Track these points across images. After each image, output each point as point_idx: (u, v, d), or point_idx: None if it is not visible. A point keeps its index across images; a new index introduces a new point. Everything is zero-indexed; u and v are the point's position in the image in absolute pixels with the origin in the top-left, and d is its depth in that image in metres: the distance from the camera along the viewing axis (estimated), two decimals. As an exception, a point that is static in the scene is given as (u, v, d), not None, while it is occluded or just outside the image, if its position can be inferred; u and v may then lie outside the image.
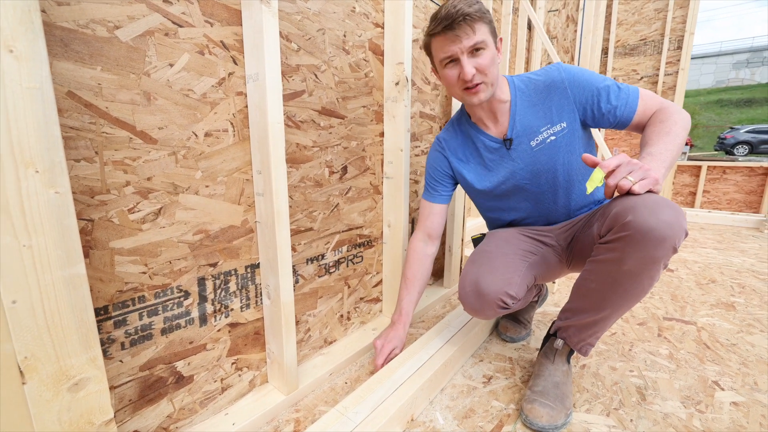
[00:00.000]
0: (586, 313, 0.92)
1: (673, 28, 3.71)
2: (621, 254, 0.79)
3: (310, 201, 1.03)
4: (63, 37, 0.58)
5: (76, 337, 0.55)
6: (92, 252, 0.65)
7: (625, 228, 0.77)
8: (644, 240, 0.75)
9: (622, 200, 0.80)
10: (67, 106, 0.60)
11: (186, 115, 0.74)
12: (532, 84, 1.04)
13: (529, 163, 1.05)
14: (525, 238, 1.11)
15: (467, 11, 0.88)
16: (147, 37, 0.67)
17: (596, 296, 0.88)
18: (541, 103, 1.02)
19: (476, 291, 0.98)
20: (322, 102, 1.02)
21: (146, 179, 0.70)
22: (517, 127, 1.04)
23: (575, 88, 0.99)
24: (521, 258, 1.04)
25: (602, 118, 0.99)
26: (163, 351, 0.77)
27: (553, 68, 1.02)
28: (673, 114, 0.90)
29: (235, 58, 0.81)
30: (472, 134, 1.11)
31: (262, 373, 0.98)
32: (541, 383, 0.97)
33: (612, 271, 0.82)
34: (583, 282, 0.91)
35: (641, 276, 0.79)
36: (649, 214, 0.74)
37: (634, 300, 0.84)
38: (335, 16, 1.02)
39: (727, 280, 1.95)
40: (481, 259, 1.04)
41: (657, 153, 0.83)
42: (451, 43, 0.92)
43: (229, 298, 0.87)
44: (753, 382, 1.10)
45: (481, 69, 0.93)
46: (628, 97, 0.96)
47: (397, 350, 1.11)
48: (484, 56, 0.93)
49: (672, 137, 0.85)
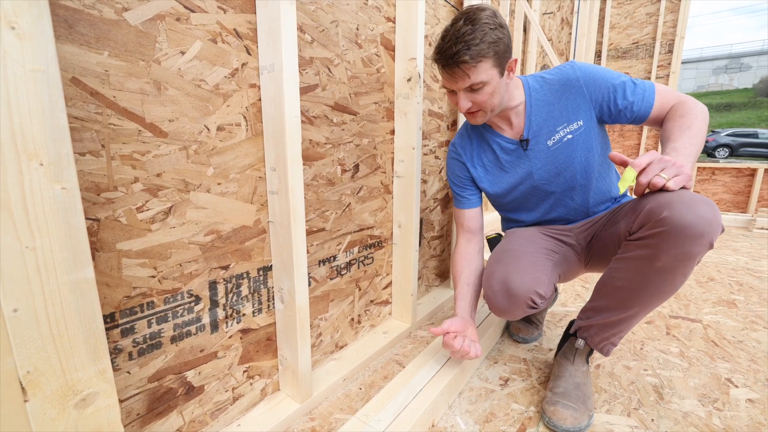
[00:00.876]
0: (611, 311, 0.90)
1: (664, 32, 3.77)
2: (655, 250, 0.77)
3: (322, 200, 0.99)
4: (67, 17, 0.53)
5: (83, 348, 0.50)
6: (98, 254, 0.60)
7: (661, 224, 0.74)
8: (681, 236, 0.72)
9: (655, 196, 0.78)
10: (71, 93, 0.55)
11: (198, 107, 0.70)
12: (546, 84, 1.02)
13: (546, 162, 1.02)
14: (546, 237, 1.09)
15: (463, 59, 0.85)
16: (158, 22, 0.62)
17: (623, 294, 0.86)
18: (557, 102, 1.00)
19: (505, 290, 0.94)
20: (335, 97, 0.98)
21: (156, 176, 0.65)
22: (533, 127, 1.02)
23: (591, 85, 0.97)
24: (546, 257, 1.02)
25: (619, 115, 0.98)
26: (173, 360, 0.71)
27: (568, 67, 1.00)
28: (693, 108, 0.88)
29: (249, 48, 0.76)
30: (488, 137, 1.09)
31: (274, 380, 0.93)
32: (562, 384, 0.95)
33: (643, 267, 0.80)
34: (610, 280, 0.89)
35: (675, 273, 0.77)
36: (687, 210, 0.72)
37: (663, 298, 0.82)
38: (348, 8, 0.98)
39: (725, 278, 1.98)
40: (507, 258, 1.01)
41: (681, 148, 0.81)
42: (447, 80, 0.93)
43: (241, 302, 0.82)
44: (765, 378, 1.10)
45: (478, 102, 0.93)
46: (644, 92, 0.95)
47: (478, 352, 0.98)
48: (483, 92, 0.91)
49: (694, 131, 0.84)
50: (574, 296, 1.70)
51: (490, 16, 0.87)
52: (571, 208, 1.09)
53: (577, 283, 1.86)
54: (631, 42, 3.94)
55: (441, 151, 1.50)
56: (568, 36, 3.55)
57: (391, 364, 1.14)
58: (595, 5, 3.72)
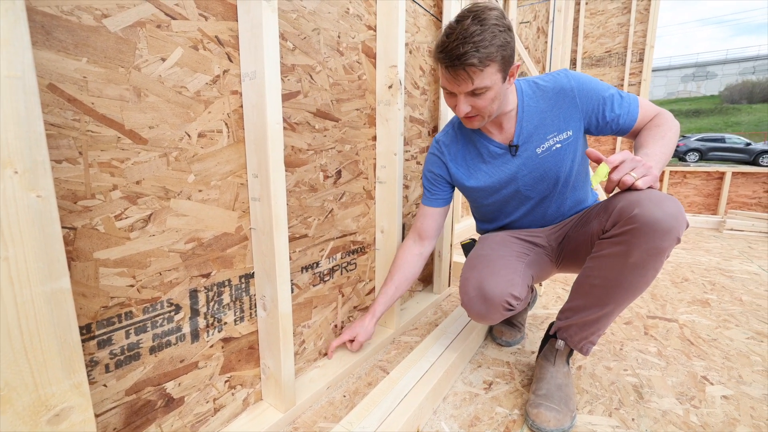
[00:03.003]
0: (588, 310, 0.92)
1: (635, 41, 3.93)
2: (627, 247, 0.80)
3: (305, 206, 0.99)
4: (44, 23, 0.52)
5: (58, 361, 0.49)
6: (74, 264, 0.58)
7: (632, 221, 0.78)
8: (652, 231, 0.76)
9: (625, 195, 0.82)
10: (48, 100, 0.53)
11: (179, 114, 0.69)
12: (540, 90, 1.02)
13: (533, 169, 1.03)
14: (517, 241, 1.11)
15: (470, 62, 0.80)
16: (138, 29, 0.62)
17: (599, 291, 0.88)
18: (549, 110, 1.00)
19: (481, 295, 0.96)
20: (317, 104, 0.98)
21: (135, 183, 0.64)
22: (524, 133, 1.02)
23: (583, 96, 0.98)
24: (518, 259, 1.04)
25: (606, 126, 1.00)
26: (152, 372, 0.70)
27: (561, 75, 1.01)
28: (667, 121, 0.94)
29: (230, 55, 0.76)
30: (476, 139, 1.08)
31: (257, 390, 0.92)
32: (545, 386, 0.97)
33: (617, 264, 0.83)
34: (586, 279, 0.91)
35: (647, 267, 0.80)
36: (655, 207, 0.76)
37: (636, 293, 0.85)
38: (330, 16, 0.99)
39: (698, 278, 2.05)
40: (480, 263, 1.03)
41: (653, 154, 0.85)
42: (449, 81, 0.89)
43: (222, 311, 0.81)
44: (738, 375, 1.14)
45: (477, 107, 0.91)
46: (630, 105, 0.98)
47: (361, 338, 1.11)
48: (484, 98, 0.88)
49: (666, 141, 0.89)
50: (555, 299, 1.74)
51: (499, 17, 0.82)
52: (547, 215, 1.12)
53: (558, 286, 1.90)
54: (604, 51, 4.10)
55: (422, 156, 1.52)
56: (544, 44, 3.65)
57: (375, 371, 1.14)
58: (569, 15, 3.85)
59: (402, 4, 1.11)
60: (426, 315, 1.54)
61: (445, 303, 1.66)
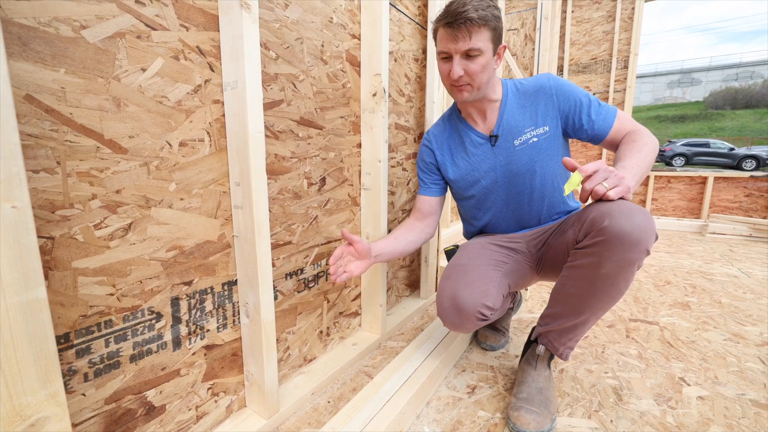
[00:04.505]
0: (566, 317, 0.94)
1: (619, 49, 4.02)
2: (598, 258, 0.82)
3: (288, 213, 1.00)
4: (21, 35, 0.53)
5: (33, 370, 0.49)
6: (52, 273, 0.58)
7: (602, 233, 0.80)
8: (621, 243, 0.78)
9: (597, 206, 0.84)
10: (24, 111, 0.54)
11: (159, 124, 0.70)
12: (522, 87, 1.10)
13: (510, 161, 1.08)
14: (496, 248, 1.13)
15: (470, 16, 0.90)
16: (117, 39, 0.62)
17: (575, 300, 0.91)
18: (529, 106, 1.08)
19: (455, 306, 0.98)
20: (300, 112, 0.99)
21: (115, 192, 0.65)
22: (504, 125, 1.08)
23: (561, 96, 1.05)
24: (494, 268, 1.06)
25: (581, 129, 1.05)
26: (132, 380, 0.70)
27: (544, 76, 1.08)
28: (645, 136, 0.97)
29: (212, 65, 0.77)
30: (461, 129, 1.15)
31: (240, 397, 0.92)
32: (526, 390, 0.98)
33: (590, 275, 0.85)
34: (562, 287, 0.94)
35: (618, 278, 0.82)
36: (625, 219, 0.78)
37: (611, 302, 0.87)
38: (313, 25, 1.00)
39: (680, 281, 2.09)
40: (456, 273, 1.05)
41: (629, 166, 0.88)
42: (448, 40, 0.96)
43: (204, 318, 0.81)
44: (714, 376, 1.17)
45: (469, 72, 0.97)
46: (606, 114, 1.03)
47: (354, 272, 0.98)
48: (477, 62, 0.96)
49: (643, 155, 0.91)
50: (540, 303, 1.76)
51: (492, 2, 0.95)
52: (527, 212, 1.14)
53: (543, 291, 1.93)
54: (590, 58, 4.18)
55: (408, 163, 1.54)
56: (531, 51, 3.72)
57: (360, 376, 1.15)
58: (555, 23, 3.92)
59: (386, 14, 1.13)
60: (412, 320, 1.55)
61: (432, 308, 1.68)
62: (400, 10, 1.36)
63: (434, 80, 1.49)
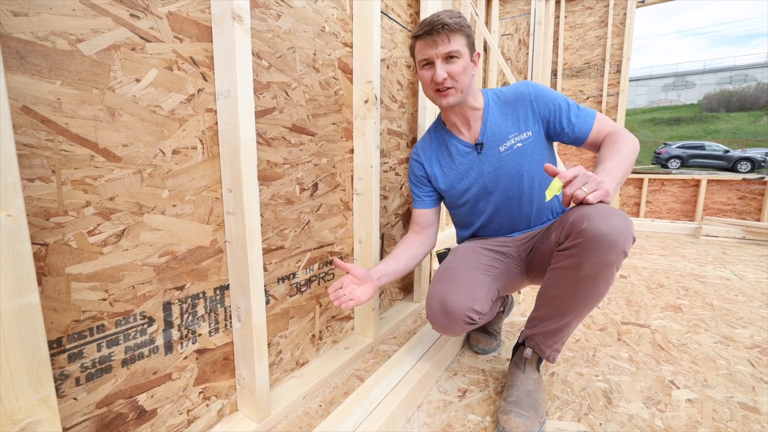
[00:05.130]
0: (551, 320, 0.96)
1: (612, 53, 4.07)
2: (579, 260, 0.84)
3: (281, 219, 1.01)
4: (19, 49, 0.54)
5: (25, 375, 0.50)
6: (45, 279, 0.60)
7: (581, 235, 0.83)
8: (599, 245, 0.80)
9: (577, 210, 0.86)
10: (21, 121, 0.55)
11: (153, 132, 0.71)
12: (503, 95, 1.13)
13: (497, 167, 1.11)
14: (486, 252, 1.15)
15: (447, 22, 0.96)
16: (112, 52, 0.64)
17: (558, 302, 0.93)
18: (510, 113, 1.11)
19: (443, 309, 1.00)
20: (292, 119, 1.01)
21: (108, 199, 0.66)
22: (488, 132, 1.11)
23: (539, 101, 1.08)
24: (483, 272, 1.08)
25: (562, 132, 1.09)
26: (124, 384, 0.71)
27: (522, 84, 1.12)
28: (624, 137, 1.00)
29: (205, 75, 0.79)
30: (447, 139, 1.18)
31: (232, 401, 0.93)
32: (515, 393, 0.99)
33: (571, 276, 0.87)
34: (546, 290, 0.96)
35: (598, 279, 0.84)
36: (602, 222, 0.80)
37: (593, 304, 0.89)
38: (305, 35, 1.02)
39: (672, 284, 2.11)
40: (446, 277, 1.07)
41: (609, 169, 0.90)
42: (429, 47, 1.00)
43: (196, 322, 0.83)
44: (703, 379, 1.18)
45: (452, 75, 1.01)
46: (586, 117, 1.06)
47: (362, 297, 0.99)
48: (457, 64, 1.00)
49: (623, 156, 0.94)
50: (533, 306, 1.77)
51: None
52: (517, 216, 1.17)
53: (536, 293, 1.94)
54: (583, 62, 4.23)
55: (401, 167, 1.56)
56: (525, 56, 3.76)
57: (352, 380, 1.16)
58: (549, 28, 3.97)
59: (377, 23, 1.15)
60: (406, 324, 1.56)
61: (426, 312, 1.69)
62: (392, 18, 1.39)
63: (427, 87, 1.51)
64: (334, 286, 0.98)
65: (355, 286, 1.01)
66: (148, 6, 0.69)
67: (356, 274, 1.01)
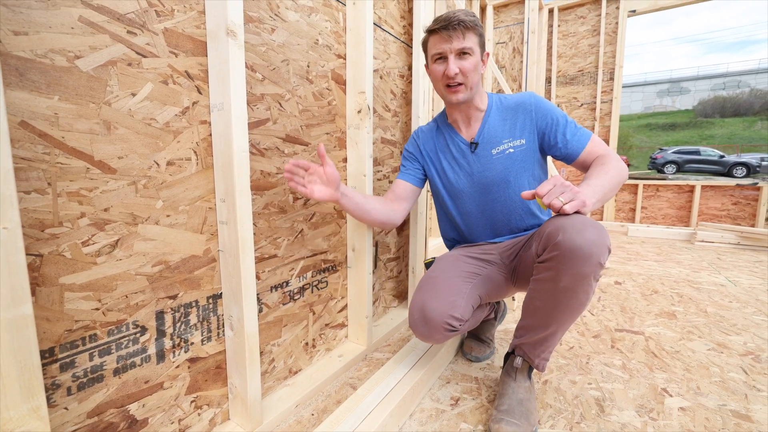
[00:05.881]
0: (536, 329, 0.98)
1: (605, 61, 4.12)
2: (556, 272, 0.86)
3: (274, 227, 1.02)
4: (18, 66, 0.56)
5: (17, 385, 0.51)
6: (39, 289, 0.61)
7: (557, 247, 0.84)
8: (574, 257, 0.82)
9: (554, 221, 0.88)
10: (19, 136, 0.57)
11: (148, 144, 0.73)
12: (506, 101, 1.18)
13: (487, 168, 1.14)
14: (469, 260, 1.17)
15: (463, 18, 1.01)
16: (109, 67, 0.66)
17: (541, 313, 0.94)
18: (509, 118, 1.14)
19: (423, 317, 1.01)
20: (286, 129, 1.03)
21: (103, 210, 0.67)
22: (485, 134, 1.15)
23: (539, 112, 1.11)
24: (464, 280, 1.09)
25: (555, 147, 1.11)
26: (115, 393, 0.72)
27: (527, 94, 1.16)
28: (613, 160, 1.02)
29: (200, 88, 0.81)
30: (446, 132, 1.22)
31: (224, 410, 0.93)
32: (506, 402, 1.00)
33: (551, 288, 0.88)
34: (530, 300, 0.97)
35: (577, 291, 0.85)
36: (576, 234, 0.81)
37: (575, 314, 0.90)
38: (299, 47, 1.04)
39: (667, 290, 2.12)
40: (426, 285, 1.09)
41: (593, 184, 0.92)
42: (444, 42, 1.04)
43: (189, 331, 0.84)
44: (696, 386, 1.18)
45: (463, 71, 1.05)
46: (581, 136, 1.09)
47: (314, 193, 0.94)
48: (469, 61, 1.05)
49: (609, 177, 0.96)
50: (526, 314, 1.78)
51: None
52: (499, 220, 1.19)
53: (531, 301, 1.94)
54: (577, 70, 4.28)
55: (394, 176, 1.57)
56: (520, 63, 3.80)
57: (345, 388, 1.16)
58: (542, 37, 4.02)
59: (370, 35, 1.18)
60: (399, 331, 1.57)
61: (421, 319, 1.69)
62: (385, 29, 1.41)
63: (419, 95, 1.54)
64: (300, 163, 0.93)
65: (317, 180, 0.96)
66: (144, 23, 0.71)
67: (328, 171, 0.95)
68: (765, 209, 3.69)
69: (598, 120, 4.19)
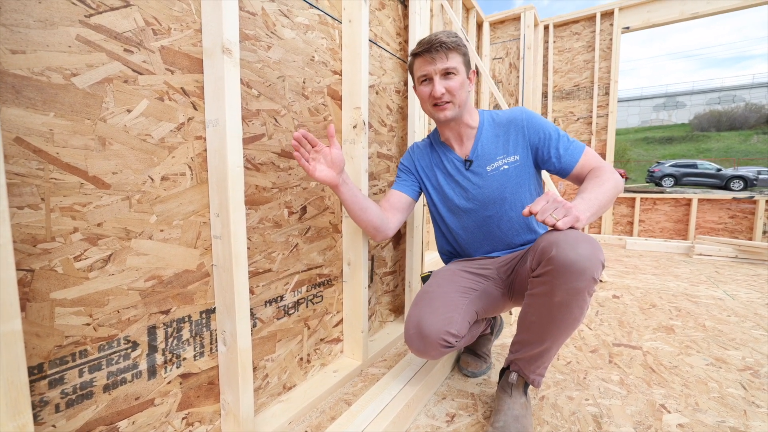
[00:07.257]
0: (531, 345, 0.97)
1: (600, 76, 4.19)
2: (550, 287, 0.85)
3: (269, 242, 1.03)
4: (15, 83, 0.57)
5: (2, 403, 0.51)
6: (29, 305, 0.61)
7: (550, 262, 0.84)
8: (568, 272, 0.81)
9: (548, 236, 0.88)
10: (13, 152, 0.58)
11: (142, 160, 0.73)
12: (498, 118, 1.18)
13: (482, 185, 1.14)
14: (465, 274, 1.17)
15: (444, 40, 1.03)
16: (105, 84, 0.67)
17: (536, 328, 0.93)
18: (502, 135, 1.15)
19: (419, 333, 1.00)
20: (281, 145, 1.04)
21: (96, 225, 0.68)
22: (479, 151, 1.16)
23: (531, 128, 1.12)
24: (461, 295, 1.09)
25: (549, 161, 1.11)
26: (105, 410, 0.71)
27: (518, 110, 1.17)
28: (608, 173, 1.02)
29: (195, 104, 0.82)
30: (439, 151, 1.23)
31: (216, 426, 0.92)
32: (502, 418, 0.99)
33: (546, 303, 0.88)
34: (525, 315, 0.97)
35: (571, 306, 0.85)
36: (570, 248, 0.81)
37: (569, 329, 0.90)
38: (295, 64, 1.06)
39: (665, 304, 2.11)
40: (423, 300, 1.08)
41: (587, 198, 0.92)
42: (428, 64, 1.06)
43: (181, 346, 0.83)
44: (695, 402, 1.17)
45: (449, 90, 1.06)
46: (574, 150, 1.09)
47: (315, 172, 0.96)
48: (454, 80, 1.06)
49: (603, 190, 0.96)
50: (523, 328, 1.76)
51: None
52: (496, 236, 1.19)
53: (529, 314, 1.93)
54: (572, 85, 4.35)
55: (392, 191, 1.58)
56: (516, 78, 3.86)
57: (339, 404, 1.14)
58: (538, 52, 4.09)
59: (365, 51, 1.20)
60: (395, 346, 1.55)
61: (417, 333, 1.68)
62: (381, 46, 1.44)
63: (415, 110, 1.56)
64: (308, 135, 0.94)
65: (321, 159, 0.98)
66: (141, 41, 0.72)
67: (334, 155, 0.98)
68: (761, 223, 3.70)
69: (594, 134, 4.23)
